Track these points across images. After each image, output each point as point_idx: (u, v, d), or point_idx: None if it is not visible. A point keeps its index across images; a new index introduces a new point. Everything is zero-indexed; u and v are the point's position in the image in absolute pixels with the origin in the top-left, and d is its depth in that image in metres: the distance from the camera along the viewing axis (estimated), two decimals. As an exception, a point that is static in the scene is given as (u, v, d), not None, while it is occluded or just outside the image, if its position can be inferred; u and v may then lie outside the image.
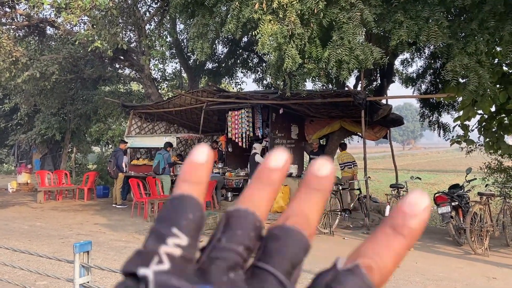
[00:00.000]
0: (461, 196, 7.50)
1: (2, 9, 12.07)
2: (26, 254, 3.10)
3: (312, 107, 11.08)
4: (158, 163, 10.79)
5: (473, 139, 10.08)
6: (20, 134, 18.88)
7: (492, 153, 9.95)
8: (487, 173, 11.18)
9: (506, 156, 9.87)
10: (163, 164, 10.84)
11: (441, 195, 7.45)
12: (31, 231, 7.99)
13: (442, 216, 7.34)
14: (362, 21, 6.41)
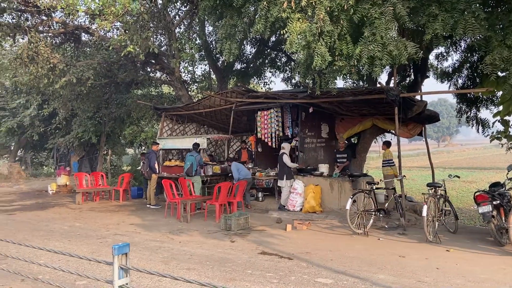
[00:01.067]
0: (502, 195, 7.18)
1: (39, 18, 12.56)
2: (65, 255, 3.19)
3: (342, 105, 10.92)
4: (191, 165, 10.89)
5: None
6: (58, 138, 19.60)
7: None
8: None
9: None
10: (195, 166, 10.95)
11: (481, 194, 7.16)
12: (71, 232, 8.26)
13: (483, 215, 7.05)
14: (395, 15, 6.23)
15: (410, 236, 7.80)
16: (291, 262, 5.97)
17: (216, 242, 7.28)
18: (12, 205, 12.44)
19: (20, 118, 18.77)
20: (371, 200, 8.35)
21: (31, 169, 24.77)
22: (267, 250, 6.67)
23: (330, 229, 8.38)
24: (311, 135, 11.97)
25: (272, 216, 9.84)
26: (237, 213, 8.84)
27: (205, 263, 5.94)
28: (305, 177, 10.56)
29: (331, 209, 10.02)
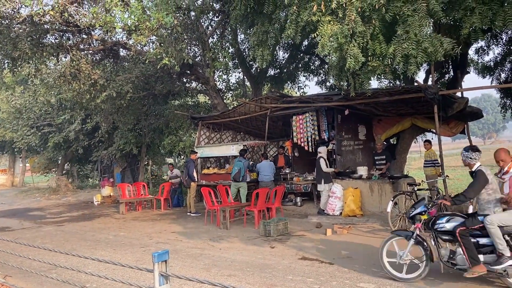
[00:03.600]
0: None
1: (79, 36, 13.18)
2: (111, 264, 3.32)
3: (379, 105, 10.71)
4: (239, 170, 10.98)
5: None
6: (102, 151, 20.37)
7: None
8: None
9: None
10: (243, 171, 11.06)
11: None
12: (116, 241, 8.55)
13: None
14: (429, 11, 6.07)
15: (456, 238, 7.50)
16: (332, 267, 5.90)
17: (256, 248, 7.31)
18: (61, 216, 13.04)
19: (65, 133, 19.67)
20: (413, 202, 8.11)
21: (77, 182, 25.87)
22: (307, 255, 6.62)
23: (371, 233, 8.21)
24: (348, 137, 11.80)
25: (311, 221, 9.76)
26: (276, 218, 8.84)
27: (246, 269, 5.97)
28: (344, 181, 10.41)
29: (371, 212, 9.81)
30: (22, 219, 12.72)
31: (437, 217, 5.16)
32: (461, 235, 4.79)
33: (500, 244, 4.62)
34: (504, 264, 4.57)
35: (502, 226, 4.69)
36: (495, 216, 4.74)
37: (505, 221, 4.68)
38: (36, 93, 20.59)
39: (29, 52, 11.39)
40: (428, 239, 5.22)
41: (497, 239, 4.63)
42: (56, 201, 17.91)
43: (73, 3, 10.39)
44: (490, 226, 4.67)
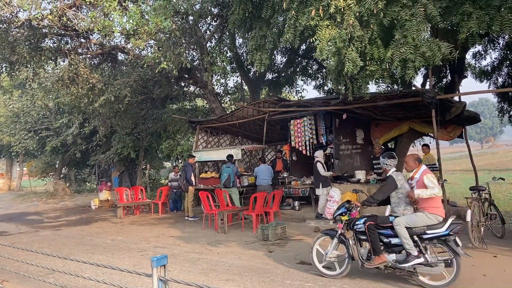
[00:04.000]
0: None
1: (78, 41, 13.19)
2: (109, 268, 3.30)
3: (377, 110, 10.72)
4: (228, 176, 11.01)
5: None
6: (99, 155, 20.33)
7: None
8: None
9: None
10: (233, 177, 11.07)
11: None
12: (113, 245, 8.51)
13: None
14: (426, 16, 6.10)
15: (455, 242, 7.50)
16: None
17: (254, 253, 7.29)
18: (58, 220, 12.99)
19: (63, 137, 19.62)
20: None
21: (75, 186, 25.79)
22: (305, 259, 6.60)
23: (369, 237, 8.19)
24: (346, 141, 11.80)
25: (309, 225, 9.75)
26: (274, 223, 8.83)
27: (244, 274, 5.96)
28: (342, 185, 10.40)
29: (370, 217, 9.79)
30: (19, 223, 12.65)
31: (358, 218, 5.55)
32: (368, 229, 5.26)
33: (407, 244, 5.00)
34: (411, 263, 4.96)
35: (410, 228, 5.07)
36: (402, 218, 5.14)
37: (411, 223, 5.08)
38: (34, 97, 20.57)
39: (27, 56, 11.39)
40: (351, 238, 5.58)
41: (404, 239, 5.02)
42: (53, 205, 17.84)
43: (72, 7, 10.40)
44: (397, 227, 5.09)
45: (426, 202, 5.16)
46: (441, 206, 5.21)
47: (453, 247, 4.90)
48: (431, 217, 5.08)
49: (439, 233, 4.98)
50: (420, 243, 5.04)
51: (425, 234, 5.04)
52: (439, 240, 5.02)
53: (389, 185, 5.35)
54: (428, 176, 5.21)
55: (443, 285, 4.92)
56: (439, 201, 5.21)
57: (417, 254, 4.99)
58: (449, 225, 4.97)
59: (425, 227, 5.06)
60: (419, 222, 5.08)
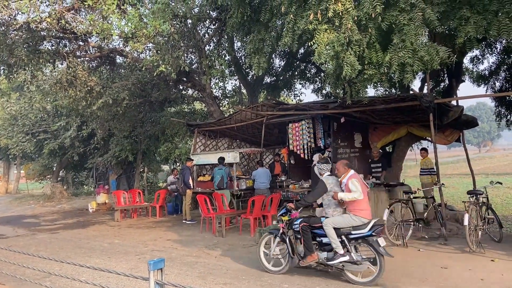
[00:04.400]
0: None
1: (76, 43, 13.17)
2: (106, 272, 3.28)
3: (375, 113, 10.75)
4: (221, 178, 11.11)
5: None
6: (97, 157, 20.29)
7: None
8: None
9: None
10: (226, 179, 11.16)
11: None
12: (110, 249, 8.48)
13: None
14: (425, 21, 6.12)
15: (452, 246, 7.51)
16: (329, 274, 5.87)
17: (252, 256, 7.27)
18: (55, 223, 12.94)
19: (61, 140, 19.57)
20: (409, 210, 8.11)
21: (72, 189, 25.70)
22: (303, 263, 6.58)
23: (367, 241, 8.19)
24: (344, 145, 11.80)
25: (307, 229, 9.73)
26: (272, 226, 8.80)
27: (241, 277, 5.94)
28: (340, 188, 10.39)
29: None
30: (16, 226, 12.60)
31: (296, 218, 5.96)
32: (302, 229, 5.73)
33: (334, 243, 5.46)
34: (337, 260, 5.42)
35: (338, 228, 5.52)
36: (330, 219, 5.60)
37: (338, 224, 5.54)
38: (32, 99, 20.54)
39: (25, 58, 11.36)
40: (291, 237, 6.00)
41: (331, 239, 5.49)
42: (50, 208, 17.77)
43: (70, 10, 10.39)
44: (326, 227, 5.55)
45: (352, 205, 5.56)
46: (366, 209, 5.57)
47: (375, 246, 5.27)
48: (355, 219, 5.49)
49: (363, 233, 5.40)
50: (347, 243, 5.46)
51: (351, 234, 5.47)
52: (363, 240, 5.42)
53: (320, 188, 5.82)
54: (352, 181, 5.63)
55: (368, 282, 5.32)
56: (363, 204, 5.56)
57: (343, 252, 5.43)
58: (371, 227, 5.39)
59: (351, 227, 5.49)
60: (345, 223, 5.52)
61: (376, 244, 5.28)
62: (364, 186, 5.76)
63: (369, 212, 5.61)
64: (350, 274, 5.49)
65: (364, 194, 5.60)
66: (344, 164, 5.93)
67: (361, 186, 5.62)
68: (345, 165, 5.91)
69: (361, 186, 5.61)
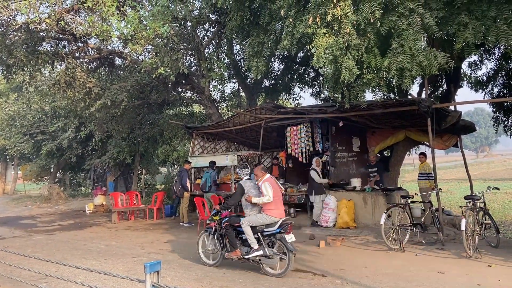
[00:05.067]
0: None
1: (75, 45, 13.18)
2: (103, 274, 3.27)
3: (373, 118, 10.77)
4: (205, 181, 11.30)
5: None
6: (95, 159, 20.25)
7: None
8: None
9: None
10: (209, 182, 11.29)
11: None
12: (107, 251, 8.45)
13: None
14: (423, 26, 6.15)
15: (449, 251, 7.51)
16: (325, 279, 5.87)
17: (249, 260, 7.25)
18: (52, 225, 12.88)
19: (59, 141, 19.53)
20: (407, 214, 8.12)
21: (69, 190, 25.63)
22: (300, 267, 6.58)
23: (364, 245, 8.19)
24: (342, 149, 11.83)
25: (304, 233, 9.73)
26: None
27: (238, 280, 5.92)
28: (337, 192, 10.41)
29: (365, 225, 9.80)
30: (12, 227, 12.54)
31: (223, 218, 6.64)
32: (225, 228, 6.47)
33: (249, 239, 6.17)
34: (252, 254, 6.12)
35: (254, 226, 6.19)
36: (246, 218, 6.30)
37: (253, 222, 6.22)
38: (30, 100, 20.51)
39: (24, 59, 11.36)
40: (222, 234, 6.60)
41: (247, 236, 6.18)
42: (47, 210, 17.70)
43: (70, 11, 10.41)
44: (243, 226, 6.24)
45: (264, 205, 6.24)
46: (277, 209, 6.24)
47: (283, 242, 5.96)
48: (267, 218, 6.17)
49: (273, 231, 6.12)
50: (262, 239, 6.13)
51: (264, 231, 6.16)
52: (275, 237, 6.09)
53: (238, 192, 6.50)
54: (265, 184, 6.27)
55: (278, 274, 6.02)
56: (274, 204, 6.21)
57: (258, 247, 6.11)
58: (279, 225, 6.10)
59: (264, 226, 6.17)
60: (258, 221, 6.21)
61: (284, 240, 5.96)
62: (278, 189, 6.40)
63: (279, 212, 6.26)
64: (266, 267, 6.14)
65: (276, 195, 6.24)
66: (261, 169, 6.60)
67: (273, 189, 6.25)
68: (262, 170, 6.58)
69: (273, 189, 6.23)
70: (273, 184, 6.32)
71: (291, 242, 5.98)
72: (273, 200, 6.19)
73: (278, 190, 6.38)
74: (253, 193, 6.34)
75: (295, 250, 6.02)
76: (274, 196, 6.21)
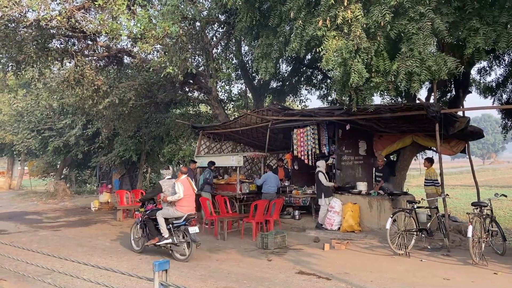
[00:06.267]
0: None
1: (85, 42, 13.23)
2: (107, 271, 3.29)
3: (380, 122, 10.73)
4: (198, 180, 11.74)
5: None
6: (101, 156, 20.33)
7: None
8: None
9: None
10: (201, 181, 11.44)
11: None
12: (112, 248, 8.49)
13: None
14: (434, 30, 6.13)
15: (455, 257, 7.47)
16: (330, 282, 5.85)
17: (253, 261, 7.26)
18: (58, 221, 12.95)
19: (66, 138, 19.62)
20: (412, 219, 8.08)
21: (75, 187, 25.74)
22: (304, 269, 6.57)
23: (369, 249, 8.16)
24: (348, 152, 11.79)
25: (309, 235, 9.71)
26: (274, 231, 8.79)
27: (242, 281, 5.92)
28: (343, 195, 10.38)
29: (370, 229, 9.76)
30: (18, 222, 12.63)
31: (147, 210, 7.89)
32: (145, 220, 7.76)
33: (162, 229, 7.43)
34: (163, 242, 7.39)
35: (167, 218, 7.47)
36: (160, 211, 7.58)
37: (165, 215, 7.51)
38: (39, 97, 20.64)
39: (34, 56, 11.42)
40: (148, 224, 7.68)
41: (160, 226, 7.44)
42: (53, 206, 17.80)
43: (80, 9, 10.46)
44: (158, 217, 7.48)
45: (177, 202, 7.47)
46: (186, 206, 7.51)
47: (187, 233, 7.19)
48: (176, 212, 7.47)
49: (180, 223, 7.38)
50: (173, 230, 7.36)
51: (174, 223, 7.41)
52: (179, 228, 7.34)
53: (155, 189, 8.07)
54: (177, 184, 7.48)
55: (183, 259, 7.21)
56: (183, 201, 7.47)
57: (168, 236, 7.34)
58: (185, 218, 7.36)
59: (174, 218, 7.46)
60: (169, 215, 7.49)
61: (187, 232, 7.17)
62: (189, 188, 7.65)
63: (188, 208, 7.52)
64: (176, 254, 7.38)
65: (186, 194, 7.50)
66: (181, 171, 7.96)
67: (185, 188, 7.48)
68: (181, 171, 7.94)
69: (184, 188, 7.46)
70: (185, 184, 7.57)
71: (193, 233, 7.14)
72: (184, 197, 7.45)
73: (189, 189, 7.63)
74: (169, 190, 7.55)
75: (197, 240, 7.14)
76: (185, 195, 7.46)
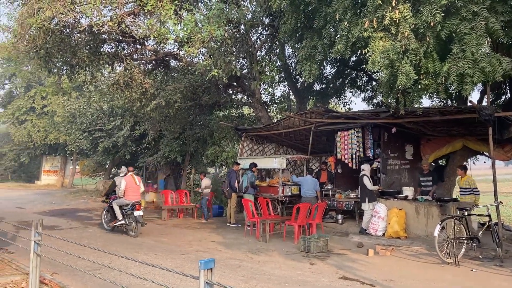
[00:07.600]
0: None
1: (134, 47, 13.75)
2: (152, 267, 3.39)
3: (428, 125, 10.34)
4: (242, 182, 11.71)
5: None
6: (147, 157, 20.98)
7: None
8: None
9: None
10: (245, 183, 11.38)
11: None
12: (157, 246, 8.74)
13: None
14: (487, 30, 5.85)
15: (508, 269, 7.05)
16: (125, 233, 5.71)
17: (295, 264, 7.22)
18: (107, 218, 13.50)
19: (115, 139, 20.43)
20: (463, 227, 7.72)
21: (123, 186, 26.64)
22: (347, 275, 6.45)
23: (415, 257, 7.88)
24: (394, 156, 11.47)
25: (352, 240, 9.53)
26: (316, 235, 8.70)
27: (284, 284, 5.91)
28: (388, 200, 10.10)
29: (416, 235, 9.43)
30: (70, 219, 13.30)
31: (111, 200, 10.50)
32: (110, 206, 10.43)
33: (116, 213, 10.08)
34: (119, 223, 10.07)
35: (121, 205, 10.09)
36: (115, 201, 10.17)
37: (119, 203, 10.11)
38: (90, 99, 21.65)
39: (87, 60, 12.02)
40: None
41: (115, 211, 10.10)
42: (102, 204, 18.55)
43: (130, 14, 10.87)
44: (113, 205, 10.17)
45: (125, 193, 10.04)
46: (131, 195, 10.07)
47: (133, 216, 9.82)
48: (126, 201, 10.01)
49: (128, 209, 9.97)
50: (125, 214, 10.01)
51: (124, 209, 10.04)
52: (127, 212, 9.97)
53: (112, 184, 10.71)
54: (122, 180, 10.15)
55: (133, 235, 9.76)
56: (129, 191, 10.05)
57: (121, 219, 10.02)
58: (131, 204, 9.91)
59: (125, 205, 10.00)
60: (121, 203, 10.08)
61: (132, 215, 9.81)
62: (132, 182, 10.16)
63: (133, 197, 10.06)
64: (129, 232, 9.96)
65: (129, 187, 10.08)
66: (128, 170, 10.65)
67: (127, 183, 10.08)
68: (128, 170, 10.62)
69: (126, 183, 10.07)
70: (128, 180, 10.15)
71: (138, 215, 9.71)
72: (127, 190, 10.02)
73: (132, 183, 10.15)
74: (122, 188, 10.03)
75: (140, 221, 9.79)
76: (128, 188, 10.03)
